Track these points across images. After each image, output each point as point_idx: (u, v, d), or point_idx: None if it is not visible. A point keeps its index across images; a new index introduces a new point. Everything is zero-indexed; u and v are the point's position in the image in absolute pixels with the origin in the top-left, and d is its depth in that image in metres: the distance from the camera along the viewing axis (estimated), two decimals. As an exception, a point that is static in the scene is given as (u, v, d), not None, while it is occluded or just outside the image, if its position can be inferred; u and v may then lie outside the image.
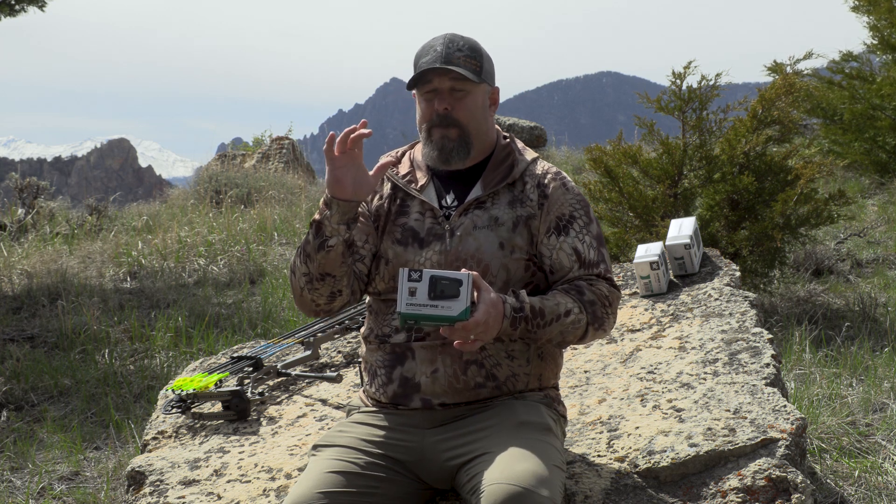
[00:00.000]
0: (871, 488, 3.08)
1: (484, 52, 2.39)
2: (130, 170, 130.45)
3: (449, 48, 2.33)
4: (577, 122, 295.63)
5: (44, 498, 3.64)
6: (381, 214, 2.43)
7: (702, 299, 3.40)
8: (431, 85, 2.34)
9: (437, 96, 2.35)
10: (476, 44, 2.37)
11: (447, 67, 2.29)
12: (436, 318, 2.11)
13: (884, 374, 4.20)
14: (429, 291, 2.10)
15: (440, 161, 2.39)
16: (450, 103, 2.34)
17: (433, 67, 2.31)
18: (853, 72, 9.62)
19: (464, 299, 2.10)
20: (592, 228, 2.41)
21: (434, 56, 2.33)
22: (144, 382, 4.96)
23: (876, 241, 7.41)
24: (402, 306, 2.11)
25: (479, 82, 2.35)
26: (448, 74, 2.32)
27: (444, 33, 2.39)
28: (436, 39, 2.37)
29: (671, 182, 5.57)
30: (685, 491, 2.37)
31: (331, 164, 2.25)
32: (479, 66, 2.35)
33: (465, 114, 2.35)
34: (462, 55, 2.33)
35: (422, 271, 2.11)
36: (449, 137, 2.36)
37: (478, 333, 2.15)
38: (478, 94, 2.37)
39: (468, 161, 2.40)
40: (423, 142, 2.41)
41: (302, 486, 2.20)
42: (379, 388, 2.40)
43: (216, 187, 10.99)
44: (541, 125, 13.70)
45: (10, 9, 8.98)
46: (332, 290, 2.35)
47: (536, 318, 2.24)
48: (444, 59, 2.31)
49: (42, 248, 8.32)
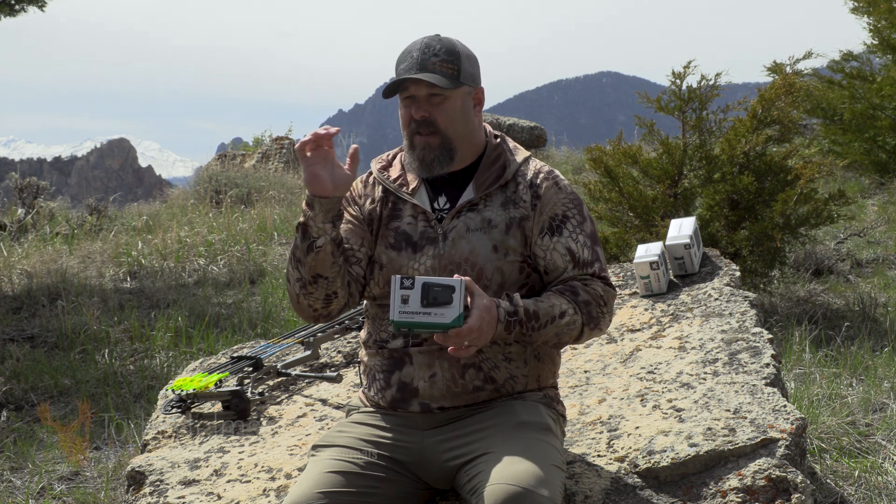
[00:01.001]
0: (871, 488, 3.08)
1: (463, 52, 2.36)
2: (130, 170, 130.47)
3: (425, 54, 2.32)
4: (577, 122, 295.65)
5: (44, 498, 3.64)
6: (374, 218, 2.43)
7: (702, 299, 3.40)
8: (408, 92, 2.34)
9: (414, 103, 2.34)
10: (454, 46, 2.35)
11: (419, 77, 2.29)
12: (429, 325, 2.10)
13: (884, 374, 4.20)
14: (421, 299, 2.10)
15: (422, 170, 2.38)
16: (427, 110, 2.33)
17: (406, 77, 2.30)
18: (853, 72, 9.62)
19: (457, 306, 2.10)
20: (586, 227, 2.40)
21: (410, 63, 2.32)
22: (144, 382, 4.96)
23: (876, 241, 7.41)
24: (395, 314, 2.11)
25: (456, 87, 2.33)
26: (422, 82, 2.30)
27: (424, 37, 2.37)
28: (414, 44, 2.35)
29: (671, 182, 5.57)
30: (685, 491, 2.37)
31: (305, 163, 2.25)
32: (455, 69, 2.33)
33: (444, 119, 2.34)
34: (438, 60, 2.31)
35: (414, 279, 2.11)
36: (430, 146, 2.35)
37: (472, 339, 2.14)
38: (456, 98, 2.35)
39: (453, 166, 2.39)
40: (406, 150, 2.41)
41: (302, 486, 2.20)
42: (378, 393, 2.40)
43: (216, 187, 10.99)
44: (541, 125, 13.71)
45: (10, 9, 8.98)
46: (327, 292, 2.34)
47: (531, 320, 2.23)
48: (420, 67, 2.30)
49: (42, 248, 8.32)
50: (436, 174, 2.39)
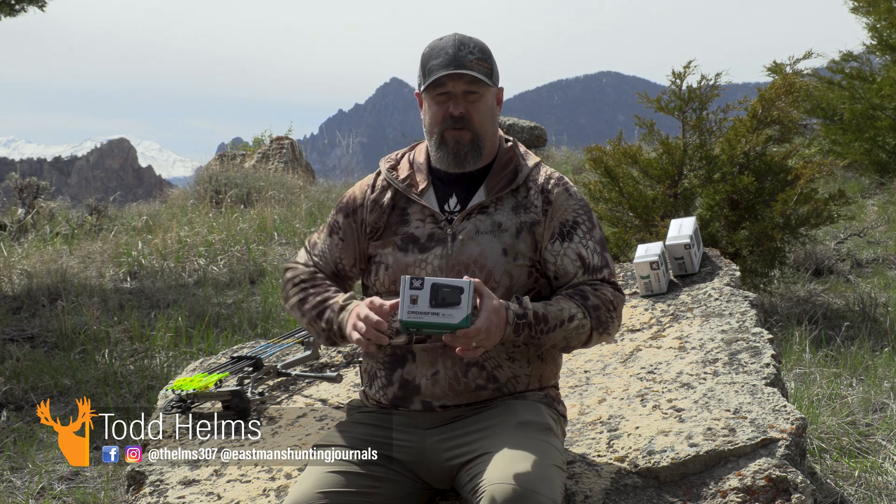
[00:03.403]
0: (871, 488, 3.08)
1: (491, 53, 2.39)
2: (130, 170, 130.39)
3: (461, 50, 2.32)
4: (577, 122, 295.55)
5: (44, 498, 3.64)
6: (381, 225, 2.43)
7: (702, 299, 3.40)
8: (444, 88, 2.34)
9: (450, 99, 2.34)
10: (485, 45, 2.37)
11: (462, 72, 2.30)
12: (437, 325, 2.11)
13: (884, 374, 4.20)
14: (430, 299, 2.11)
15: (455, 164, 2.39)
16: (465, 106, 2.34)
17: (448, 73, 2.30)
18: (853, 72, 9.62)
19: (465, 307, 2.10)
20: (595, 233, 2.41)
21: (446, 59, 2.32)
22: (144, 382, 4.96)
23: (876, 241, 7.41)
24: (404, 314, 2.12)
25: (492, 86, 2.36)
26: (463, 78, 2.31)
27: (451, 34, 2.38)
28: (445, 41, 2.36)
29: (671, 182, 5.57)
30: (685, 491, 2.37)
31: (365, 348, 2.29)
32: (489, 67, 2.35)
33: (479, 117, 2.36)
34: (474, 58, 2.33)
35: (423, 279, 2.12)
36: (462, 141, 2.36)
37: (479, 340, 2.15)
38: (489, 96, 2.37)
39: (479, 163, 2.41)
40: (435, 146, 2.39)
41: (302, 485, 2.20)
42: (379, 391, 2.40)
43: (216, 187, 10.99)
44: (541, 125, 13.72)
45: (10, 9, 8.98)
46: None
47: (540, 324, 2.24)
48: (458, 63, 2.31)
49: (42, 248, 8.31)
50: (467, 169, 2.40)
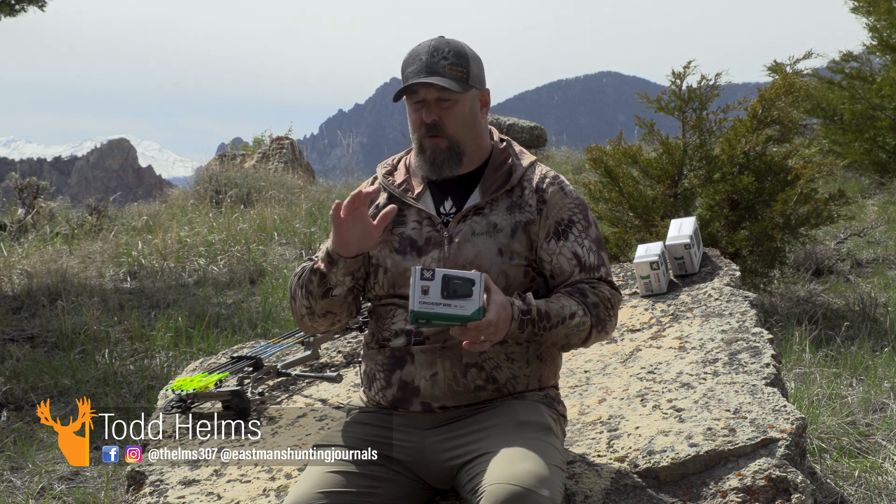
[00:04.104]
0: (871, 488, 3.08)
1: (471, 55, 2.35)
2: (130, 170, 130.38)
3: (433, 57, 2.30)
4: (577, 122, 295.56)
5: (44, 498, 3.64)
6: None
7: (702, 299, 3.40)
8: (418, 96, 2.33)
9: (424, 107, 2.33)
10: (462, 48, 2.34)
11: (429, 81, 2.27)
12: (449, 317, 2.11)
13: (884, 374, 4.20)
14: (441, 290, 2.11)
15: (431, 172, 2.38)
16: (437, 114, 2.32)
17: (418, 81, 2.28)
18: (853, 72, 9.62)
19: (477, 299, 2.10)
20: (591, 232, 2.41)
21: (419, 66, 2.30)
22: (144, 382, 4.96)
23: (876, 241, 7.41)
24: (415, 304, 2.11)
25: (465, 91, 2.32)
26: (434, 85, 2.29)
27: (430, 39, 2.36)
28: (421, 46, 2.34)
29: (671, 182, 5.57)
30: (685, 491, 2.37)
31: (338, 228, 2.25)
32: (465, 72, 2.32)
33: (454, 123, 2.34)
34: (447, 63, 2.30)
35: (434, 270, 2.12)
36: (439, 148, 2.35)
37: (488, 334, 2.15)
38: (465, 101, 2.34)
39: (460, 169, 2.39)
40: (415, 152, 2.40)
41: (302, 485, 2.20)
42: (378, 392, 2.40)
43: (216, 187, 10.99)
44: (541, 125, 13.72)
45: (10, 9, 8.98)
46: (333, 321, 2.41)
47: (543, 320, 2.24)
48: (429, 70, 2.29)
49: (42, 248, 8.32)
50: (445, 176, 2.38)
